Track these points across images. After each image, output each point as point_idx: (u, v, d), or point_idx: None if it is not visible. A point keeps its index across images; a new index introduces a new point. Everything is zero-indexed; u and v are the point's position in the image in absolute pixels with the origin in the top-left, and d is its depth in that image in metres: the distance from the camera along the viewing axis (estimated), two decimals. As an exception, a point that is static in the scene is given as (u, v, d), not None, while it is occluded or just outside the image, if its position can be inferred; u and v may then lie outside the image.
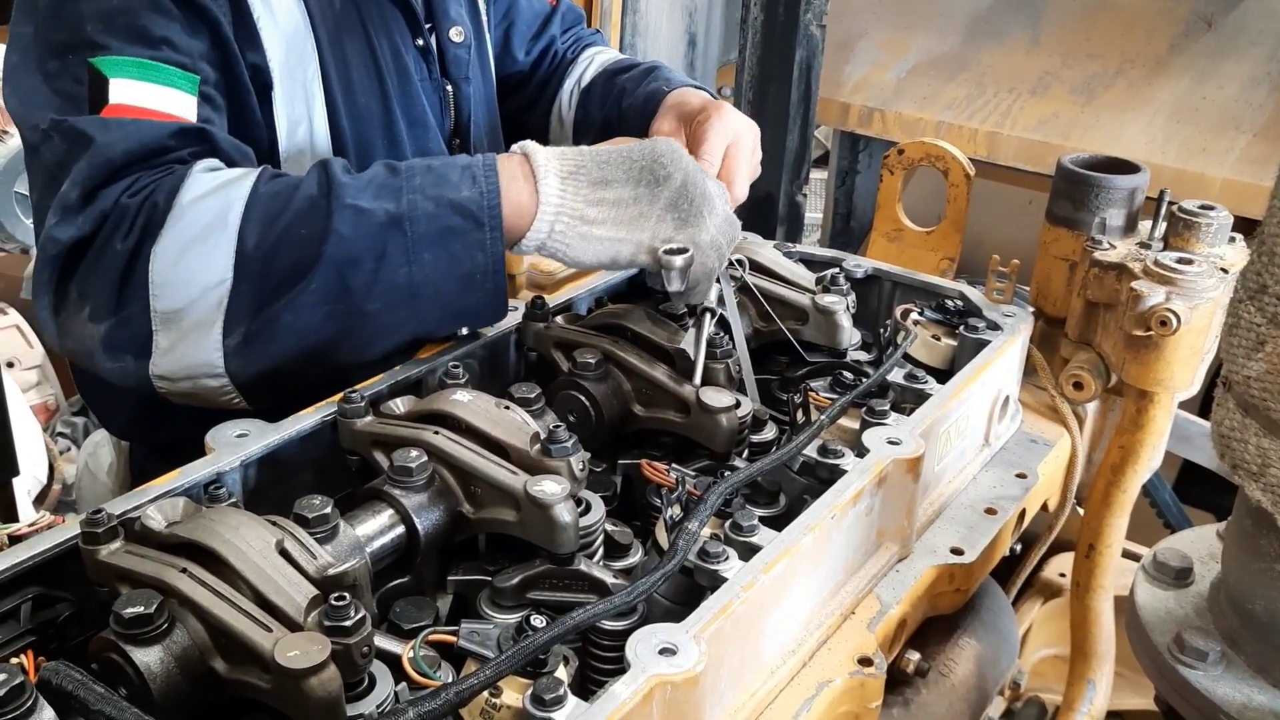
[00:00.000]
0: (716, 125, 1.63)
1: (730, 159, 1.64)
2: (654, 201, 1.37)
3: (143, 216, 1.30)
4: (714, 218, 1.40)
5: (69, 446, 4.04)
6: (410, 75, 1.72)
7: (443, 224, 1.31)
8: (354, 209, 1.29)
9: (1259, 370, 1.00)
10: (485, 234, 1.32)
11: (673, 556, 1.04)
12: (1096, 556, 1.69)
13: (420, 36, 1.74)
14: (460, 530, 1.14)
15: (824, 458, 1.26)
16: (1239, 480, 1.05)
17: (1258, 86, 2.99)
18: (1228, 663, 1.11)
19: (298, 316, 1.29)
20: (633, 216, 1.36)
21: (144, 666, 0.87)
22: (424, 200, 1.31)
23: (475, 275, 1.33)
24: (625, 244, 1.36)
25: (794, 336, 1.56)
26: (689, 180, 1.39)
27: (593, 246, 1.36)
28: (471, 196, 1.32)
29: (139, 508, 1.04)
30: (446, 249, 1.31)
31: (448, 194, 1.32)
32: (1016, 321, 1.57)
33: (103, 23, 1.37)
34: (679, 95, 1.80)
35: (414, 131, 1.73)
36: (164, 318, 1.30)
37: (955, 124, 3.27)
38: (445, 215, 1.31)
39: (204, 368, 1.32)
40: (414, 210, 1.30)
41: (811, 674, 1.13)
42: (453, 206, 1.31)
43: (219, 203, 1.30)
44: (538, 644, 0.92)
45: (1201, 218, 1.55)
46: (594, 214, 1.36)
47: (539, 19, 2.11)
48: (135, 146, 1.33)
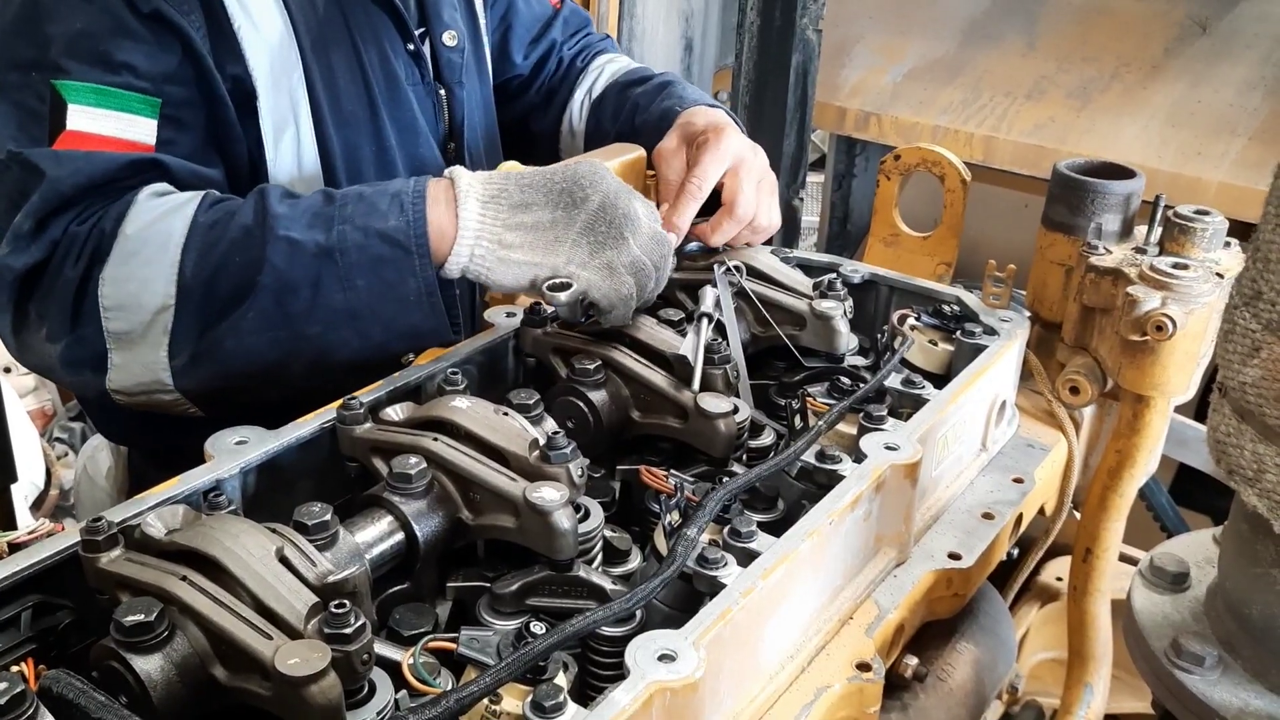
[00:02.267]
0: (712, 149, 1.64)
1: (731, 180, 1.65)
2: (570, 225, 1.37)
3: (91, 244, 1.36)
4: (637, 237, 1.38)
5: (66, 452, 4.04)
6: (399, 80, 1.72)
7: (372, 253, 1.34)
8: (287, 240, 1.33)
9: (1254, 376, 1.00)
10: (414, 260, 1.35)
11: (671, 562, 1.04)
12: (1093, 560, 1.70)
13: (411, 41, 1.74)
14: (459, 537, 1.14)
15: (822, 463, 1.26)
16: (1235, 486, 1.05)
17: (1253, 91, 3.00)
18: (1224, 667, 1.12)
19: (241, 340, 1.35)
20: (548, 240, 1.37)
21: (144, 674, 0.88)
22: (353, 231, 1.34)
23: (410, 298, 1.36)
24: (541, 268, 1.36)
25: (791, 342, 1.56)
26: (607, 202, 1.38)
27: (511, 270, 1.37)
28: (398, 225, 1.35)
29: (139, 515, 1.04)
30: (379, 275, 1.35)
31: (375, 224, 1.35)
32: (1013, 326, 1.58)
33: (67, 46, 1.40)
34: (689, 115, 1.80)
35: (404, 137, 1.73)
36: (116, 337, 1.36)
37: (951, 128, 3.27)
38: (374, 245, 1.34)
39: (155, 385, 1.38)
40: (344, 241, 1.34)
41: (810, 679, 1.13)
42: (380, 236, 1.34)
43: (160, 232, 1.35)
44: (537, 651, 0.92)
45: (1197, 223, 1.56)
46: (511, 238, 1.37)
47: (539, 23, 2.10)
48: (84, 180, 1.38)
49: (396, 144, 1.72)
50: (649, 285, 1.41)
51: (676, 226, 1.64)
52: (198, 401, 1.41)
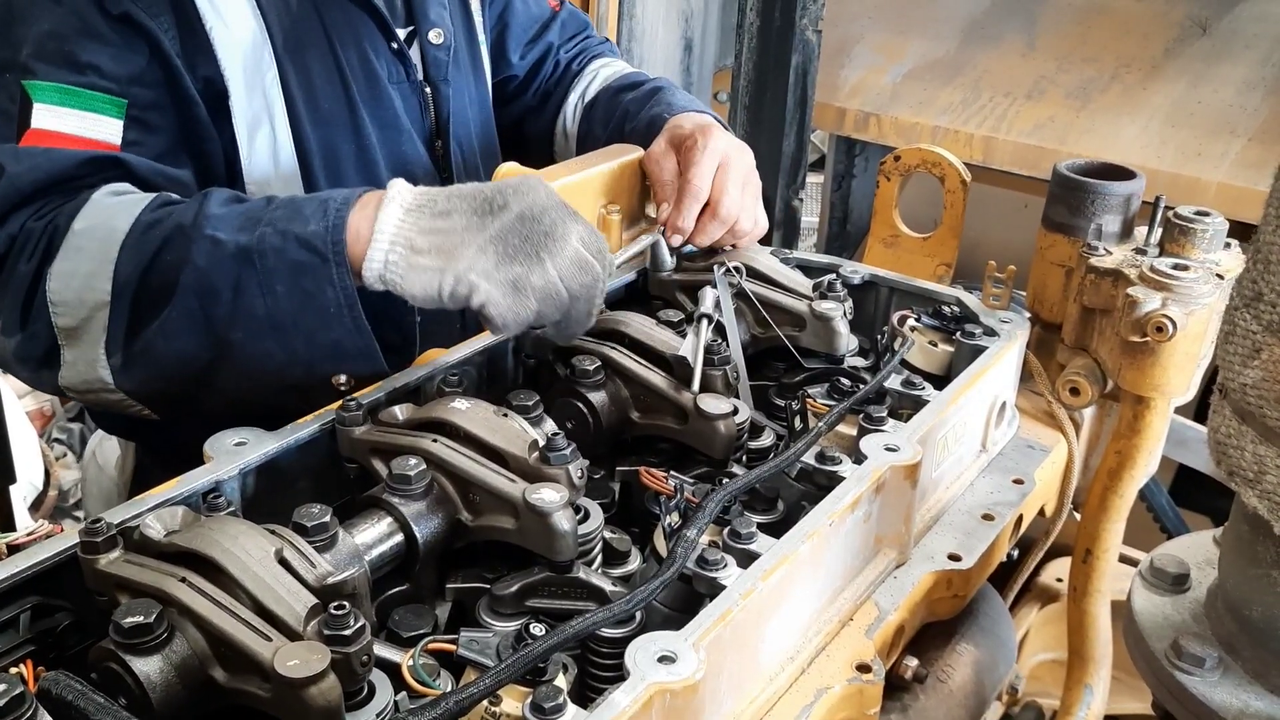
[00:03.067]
0: (701, 149, 1.66)
1: (717, 180, 1.66)
2: (480, 230, 1.28)
3: (44, 240, 1.36)
4: (556, 259, 1.28)
5: (65, 452, 4.04)
6: (379, 79, 1.71)
7: (289, 258, 1.30)
8: (211, 240, 1.31)
9: (1255, 378, 1.00)
10: (331, 269, 1.30)
11: (671, 564, 1.04)
12: (1093, 561, 1.70)
13: (394, 40, 1.73)
14: (459, 538, 1.14)
15: (822, 464, 1.26)
16: (1236, 487, 1.05)
17: (1252, 91, 3.00)
18: (1225, 669, 1.12)
19: (169, 342, 1.33)
20: (453, 245, 1.28)
21: (143, 676, 0.87)
22: (273, 234, 1.31)
23: (330, 309, 1.31)
24: (445, 274, 1.27)
25: (791, 343, 1.56)
26: (528, 214, 1.29)
27: (419, 277, 1.28)
28: (317, 231, 1.30)
29: (138, 517, 1.04)
30: (297, 283, 1.30)
31: (295, 228, 1.31)
32: (1013, 327, 1.58)
33: (35, 47, 1.42)
34: (676, 120, 1.80)
35: (386, 135, 1.73)
36: (64, 333, 1.37)
37: (951, 128, 3.27)
38: (291, 249, 1.30)
39: (99, 383, 1.37)
40: (262, 244, 1.30)
41: (810, 681, 1.13)
42: (298, 240, 1.30)
43: (104, 229, 1.35)
44: (537, 652, 0.92)
45: (1197, 224, 1.56)
46: (422, 243, 1.29)
47: (535, 24, 2.10)
48: (43, 177, 1.40)
49: (378, 142, 1.71)
50: (557, 314, 1.31)
51: (681, 229, 1.65)
52: (144, 402, 1.40)
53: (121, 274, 1.33)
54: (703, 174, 1.65)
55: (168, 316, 1.31)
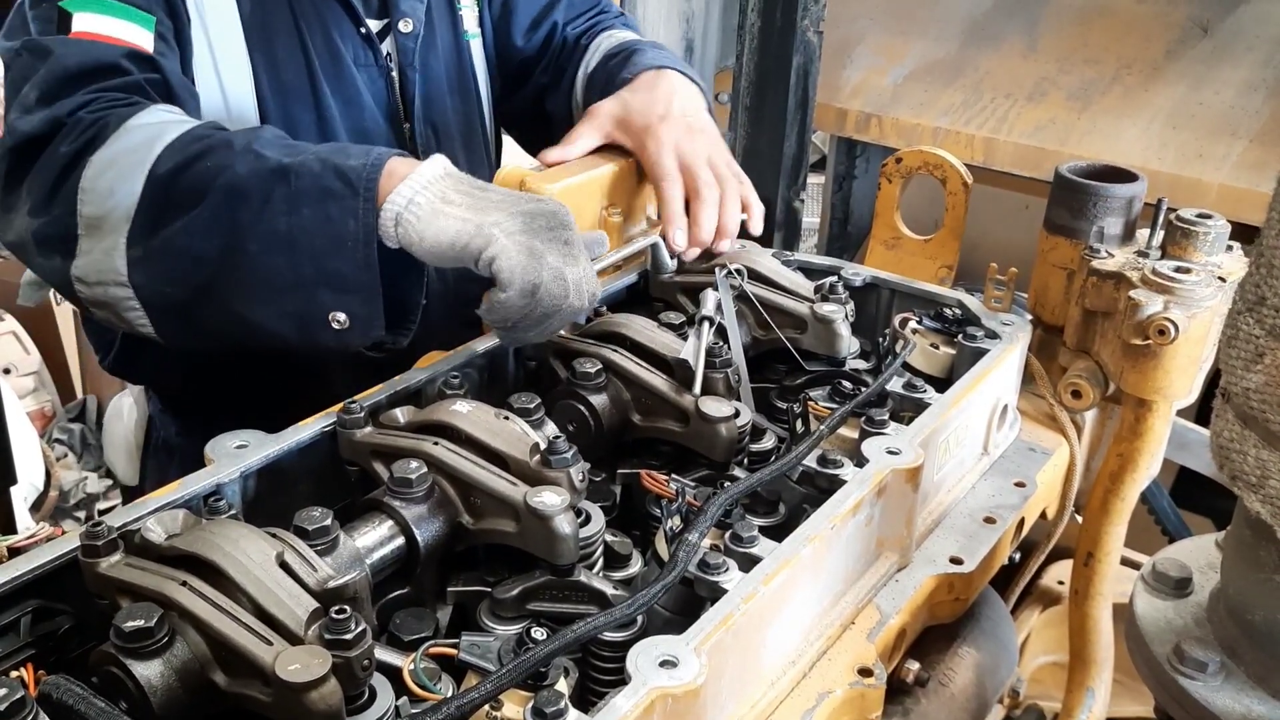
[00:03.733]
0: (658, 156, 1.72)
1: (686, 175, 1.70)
2: (513, 205, 1.35)
3: (92, 131, 1.43)
4: (570, 264, 1.33)
5: (66, 453, 4.04)
6: (343, 58, 1.82)
7: (323, 184, 1.36)
8: (255, 154, 1.39)
9: (1258, 382, 1.00)
10: (359, 202, 1.35)
11: (673, 568, 1.04)
12: (1095, 564, 1.69)
13: (362, 26, 1.83)
14: (460, 541, 1.14)
15: (823, 467, 1.26)
16: (1238, 491, 1.05)
17: (1254, 92, 2.99)
18: (1227, 673, 1.11)
19: (191, 240, 1.38)
20: (485, 205, 1.35)
21: (144, 680, 0.87)
22: (314, 160, 1.38)
23: (346, 240, 1.36)
24: (467, 223, 1.33)
25: (792, 345, 1.56)
26: (558, 220, 1.35)
27: (440, 222, 1.34)
28: (355, 166, 1.37)
29: (139, 520, 1.04)
30: (323, 208, 1.36)
31: (335, 159, 1.38)
32: (1015, 330, 1.58)
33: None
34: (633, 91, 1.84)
35: (348, 110, 1.83)
36: (87, 222, 1.41)
37: (952, 129, 3.27)
38: (327, 176, 1.36)
39: (111, 274, 1.41)
40: (302, 166, 1.37)
41: (812, 685, 1.13)
42: (335, 170, 1.37)
43: (154, 131, 1.42)
44: (538, 657, 0.92)
45: (1199, 226, 1.56)
46: (455, 197, 1.37)
47: (540, 4, 2.12)
48: (89, 61, 1.48)
49: (339, 115, 1.82)
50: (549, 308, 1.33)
51: (676, 224, 1.67)
52: (146, 305, 1.43)
53: (159, 169, 1.38)
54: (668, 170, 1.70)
55: (195, 215, 1.37)
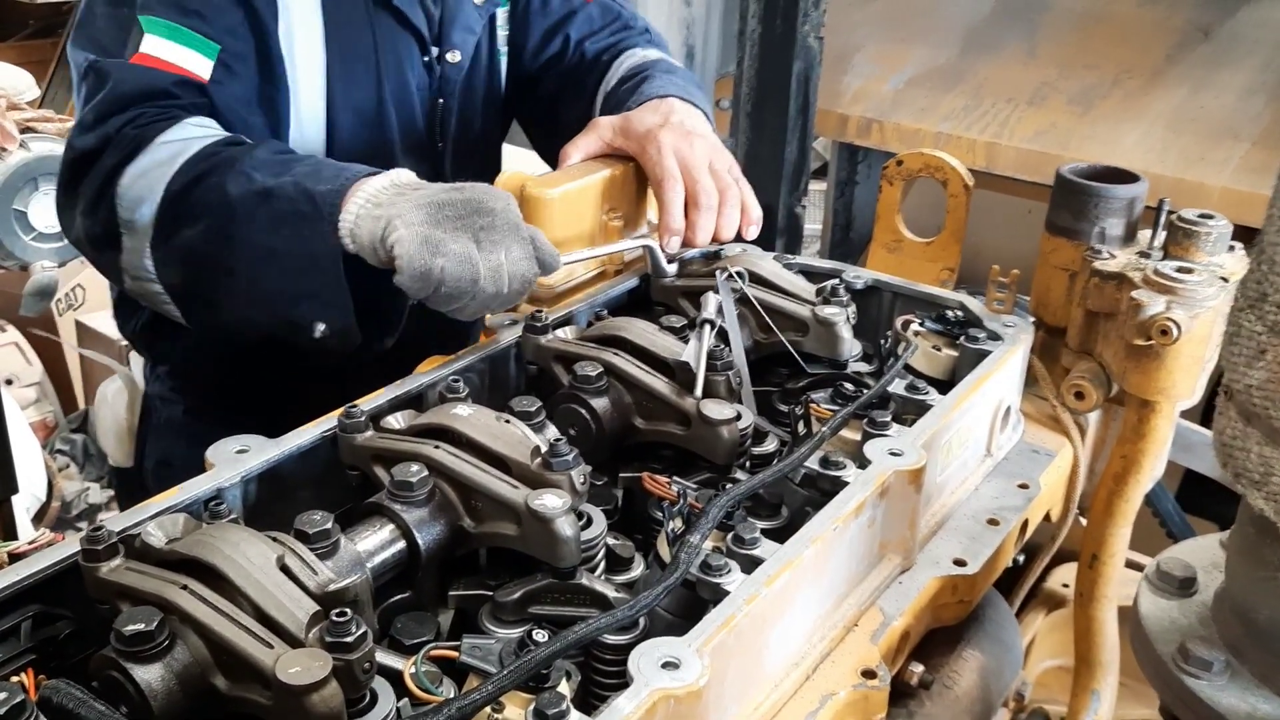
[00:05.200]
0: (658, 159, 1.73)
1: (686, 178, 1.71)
2: (429, 197, 1.42)
3: (131, 145, 1.59)
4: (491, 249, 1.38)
5: (68, 464, 4.04)
6: (409, 85, 1.94)
7: (297, 208, 1.48)
8: (246, 176, 1.52)
9: (1260, 379, 1.00)
10: (324, 225, 1.46)
11: (675, 570, 1.04)
12: (1100, 566, 1.69)
13: (426, 54, 1.94)
14: (461, 545, 1.14)
15: (826, 469, 1.26)
16: (1241, 489, 1.05)
17: (1254, 95, 2.99)
18: (1232, 672, 1.11)
19: (195, 250, 1.55)
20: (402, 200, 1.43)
21: (145, 684, 0.87)
22: (291, 184, 1.50)
23: (317, 258, 1.49)
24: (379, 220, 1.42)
25: (794, 348, 1.56)
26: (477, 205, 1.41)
27: (366, 225, 1.44)
28: (324, 191, 1.48)
29: (139, 524, 1.04)
30: (296, 230, 1.48)
31: (309, 184, 1.49)
32: (1017, 332, 1.57)
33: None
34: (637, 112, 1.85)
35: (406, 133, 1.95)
36: (125, 224, 1.58)
37: (953, 135, 3.27)
38: (301, 200, 1.48)
39: (144, 271, 1.60)
40: (282, 190, 1.50)
41: (815, 687, 1.12)
42: (306, 195, 1.48)
43: (178, 149, 1.58)
44: (540, 659, 0.92)
45: (1201, 226, 1.55)
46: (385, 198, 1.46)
47: (555, 18, 2.14)
48: (143, 88, 1.64)
49: (399, 138, 1.94)
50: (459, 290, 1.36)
51: (673, 229, 1.67)
52: (174, 297, 1.61)
53: (173, 186, 1.54)
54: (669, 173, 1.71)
55: (198, 230, 1.53)
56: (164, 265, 1.58)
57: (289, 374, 1.80)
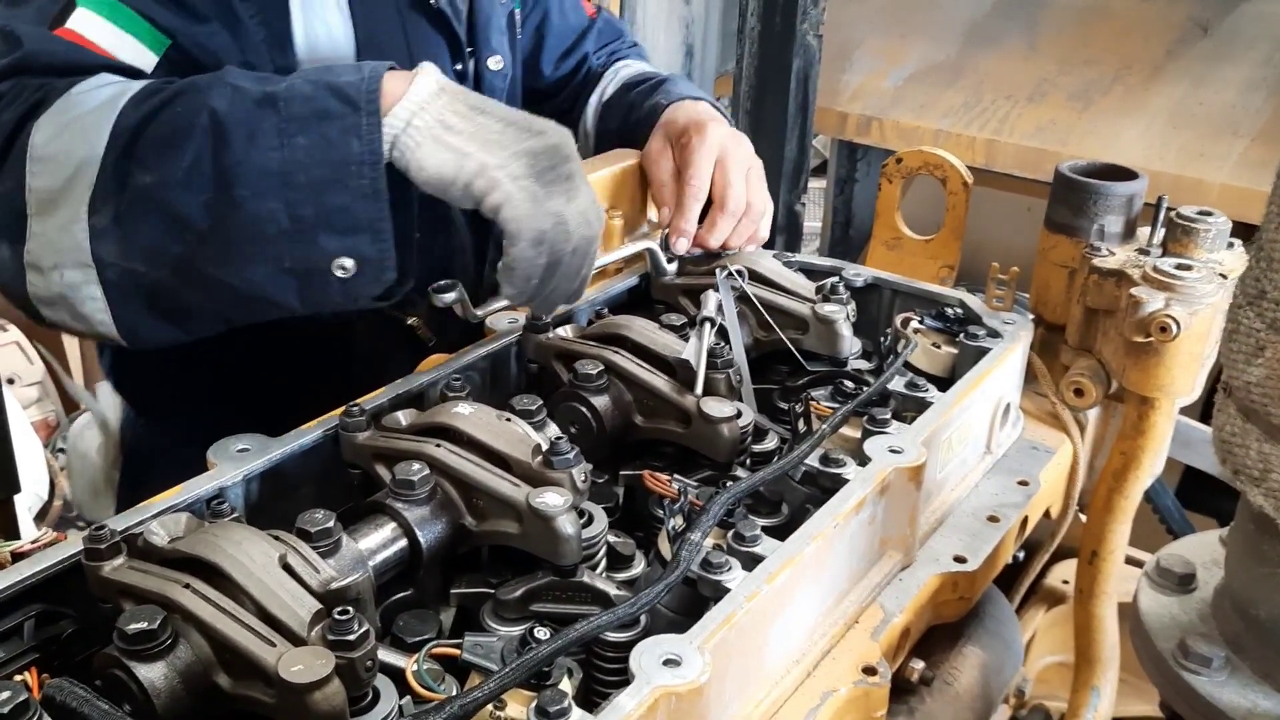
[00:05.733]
0: (698, 146, 1.67)
1: (719, 175, 1.68)
2: (517, 141, 1.28)
3: (37, 95, 1.28)
4: (575, 200, 1.29)
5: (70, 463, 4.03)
6: None
7: (318, 106, 1.23)
8: (232, 87, 1.24)
9: (1259, 375, 1.00)
10: (361, 118, 1.23)
11: (676, 567, 1.04)
12: (1099, 563, 1.69)
13: (460, 62, 1.72)
14: (463, 543, 1.14)
15: (826, 467, 1.26)
16: (1241, 486, 1.05)
17: (1255, 91, 2.99)
18: (1232, 668, 1.11)
19: (169, 194, 1.22)
20: (488, 139, 1.27)
21: (148, 682, 0.87)
22: (304, 83, 1.25)
23: (350, 165, 1.23)
24: (471, 159, 1.25)
25: (794, 346, 1.56)
26: (561, 150, 1.29)
27: (440, 153, 1.25)
28: (352, 81, 1.25)
29: (141, 523, 1.04)
30: (320, 132, 1.22)
31: (329, 78, 1.25)
32: (1017, 329, 1.58)
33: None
34: (671, 112, 1.81)
35: None
36: (39, 197, 1.25)
37: (953, 132, 3.27)
38: (321, 97, 1.23)
39: (71, 252, 1.24)
40: (291, 91, 1.24)
41: (816, 683, 1.12)
42: (330, 89, 1.24)
43: (112, 91, 1.27)
44: (541, 656, 0.92)
45: (1200, 223, 1.56)
46: (456, 123, 1.27)
47: (573, 34, 2.10)
48: (60, 62, 1.32)
49: None
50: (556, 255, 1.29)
51: (684, 231, 1.67)
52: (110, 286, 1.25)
53: (122, 123, 1.23)
54: (701, 173, 1.67)
55: (172, 166, 1.22)
56: (113, 232, 1.23)
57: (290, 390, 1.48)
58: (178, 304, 1.28)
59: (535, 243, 1.26)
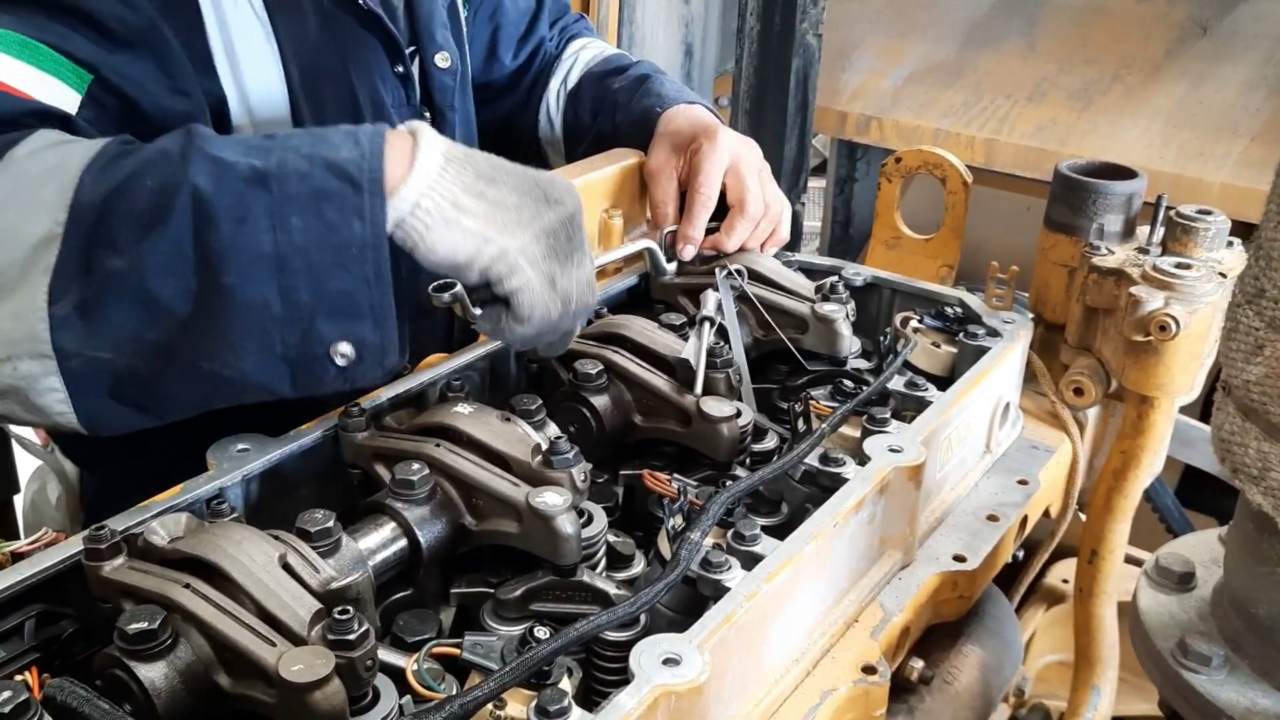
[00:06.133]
0: (710, 155, 1.66)
1: (733, 180, 1.67)
2: (535, 218, 1.20)
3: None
4: (580, 270, 1.24)
5: (70, 462, 4.02)
6: (384, 105, 1.63)
7: (315, 184, 1.11)
8: (215, 160, 1.10)
9: (1258, 374, 1.00)
10: (364, 199, 1.11)
11: (675, 566, 1.04)
12: (1099, 562, 1.69)
13: (401, 63, 1.64)
14: (463, 542, 1.14)
15: (826, 466, 1.26)
16: (1240, 485, 1.05)
17: (1254, 90, 2.99)
18: (1231, 667, 1.11)
19: (144, 280, 1.08)
20: (507, 220, 1.19)
21: (148, 682, 0.87)
22: (296, 158, 1.12)
23: (351, 248, 1.11)
24: (490, 244, 1.16)
25: (794, 345, 1.56)
26: (574, 220, 1.24)
27: (455, 235, 1.16)
28: (351, 157, 1.13)
29: (142, 523, 1.04)
30: (319, 214, 1.10)
31: (324, 153, 1.13)
32: (1016, 328, 1.58)
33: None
34: (671, 120, 1.79)
35: None
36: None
37: (953, 131, 3.27)
38: (319, 175, 1.11)
39: (26, 343, 1.08)
40: (284, 168, 1.11)
41: (816, 682, 1.12)
42: (328, 166, 1.12)
43: (59, 156, 1.13)
44: (541, 655, 0.92)
45: (1199, 222, 1.56)
46: (467, 202, 1.17)
47: (525, 17, 2.03)
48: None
49: None
50: (563, 327, 1.26)
51: (691, 238, 1.67)
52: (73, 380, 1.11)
53: (84, 197, 1.08)
54: (712, 180, 1.66)
55: (148, 249, 1.07)
56: (78, 323, 1.08)
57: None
58: (151, 392, 1.15)
59: (543, 323, 1.22)
